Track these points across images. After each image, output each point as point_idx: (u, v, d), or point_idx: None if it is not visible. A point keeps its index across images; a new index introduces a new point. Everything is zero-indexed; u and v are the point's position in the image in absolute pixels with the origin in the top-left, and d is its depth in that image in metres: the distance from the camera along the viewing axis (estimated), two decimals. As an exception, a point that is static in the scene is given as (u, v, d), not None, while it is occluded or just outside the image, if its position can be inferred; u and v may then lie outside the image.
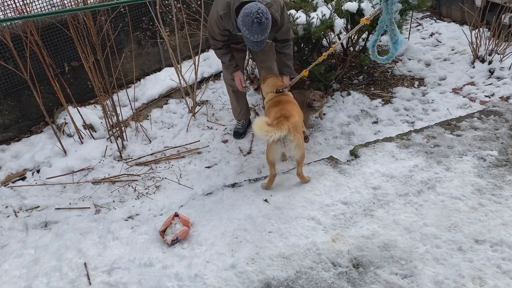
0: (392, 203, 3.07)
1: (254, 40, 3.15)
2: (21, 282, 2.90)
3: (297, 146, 3.16)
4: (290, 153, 3.29)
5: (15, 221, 3.50)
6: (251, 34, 3.09)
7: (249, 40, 3.16)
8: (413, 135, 3.74)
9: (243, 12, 3.07)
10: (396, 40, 2.41)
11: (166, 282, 2.70)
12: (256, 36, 3.11)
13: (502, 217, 2.86)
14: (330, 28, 4.11)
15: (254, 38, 3.13)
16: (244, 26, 3.08)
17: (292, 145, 3.14)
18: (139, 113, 4.78)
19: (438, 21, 6.12)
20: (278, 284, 2.59)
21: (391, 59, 2.55)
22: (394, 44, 2.43)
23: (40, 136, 4.35)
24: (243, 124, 4.31)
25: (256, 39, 3.14)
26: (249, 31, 3.07)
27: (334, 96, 4.63)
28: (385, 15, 2.36)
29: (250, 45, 3.23)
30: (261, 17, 3.02)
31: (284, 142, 3.13)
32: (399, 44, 2.42)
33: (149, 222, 3.29)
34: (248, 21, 3.03)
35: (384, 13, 2.36)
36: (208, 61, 5.42)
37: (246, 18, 3.04)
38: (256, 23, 3.02)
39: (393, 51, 2.47)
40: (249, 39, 3.16)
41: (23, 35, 3.70)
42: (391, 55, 2.51)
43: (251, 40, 3.16)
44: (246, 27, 3.06)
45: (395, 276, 2.56)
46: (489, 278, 2.48)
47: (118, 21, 4.58)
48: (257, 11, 3.01)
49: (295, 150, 3.18)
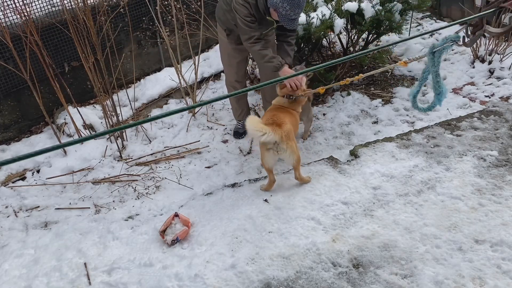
0: (392, 203, 3.07)
1: (293, 16, 3.15)
2: (21, 282, 2.90)
3: (291, 153, 3.14)
4: (285, 160, 3.28)
5: (15, 221, 3.50)
6: (293, 9, 3.09)
7: (287, 17, 3.14)
8: (413, 135, 3.74)
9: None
10: (440, 92, 2.37)
11: (166, 282, 2.70)
12: (296, 11, 3.12)
13: (502, 217, 2.86)
14: (330, 28, 4.11)
15: (294, 14, 3.13)
16: (285, 2, 3.06)
17: (285, 154, 3.12)
18: (139, 113, 4.78)
19: (438, 21, 6.12)
20: (278, 284, 2.59)
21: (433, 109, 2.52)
22: (438, 96, 2.39)
23: (40, 136, 4.35)
24: (243, 124, 4.28)
25: (295, 15, 3.14)
26: (290, 6, 3.07)
27: (334, 96, 4.63)
28: (431, 67, 2.32)
29: (286, 23, 3.20)
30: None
31: (278, 150, 3.11)
32: (442, 95, 2.38)
33: (149, 222, 3.29)
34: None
35: (430, 64, 2.31)
36: (208, 61, 5.42)
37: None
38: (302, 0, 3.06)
39: (436, 102, 2.43)
40: (288, 16, 3.14)
41: (23, 35, 3.70)
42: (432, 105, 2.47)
43: (290, 16, 3.14)
44: (288, 1, 3.05)
45: (395, 276, 2.56)
46: (489, 278, 2.48)
47: (118, 21, 4.58)
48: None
49: (289, 157, 3.16)
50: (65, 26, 4.10)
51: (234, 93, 1.34)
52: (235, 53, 3.75)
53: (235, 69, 3.86)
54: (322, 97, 4.68)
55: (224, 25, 3.62)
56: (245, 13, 3.26)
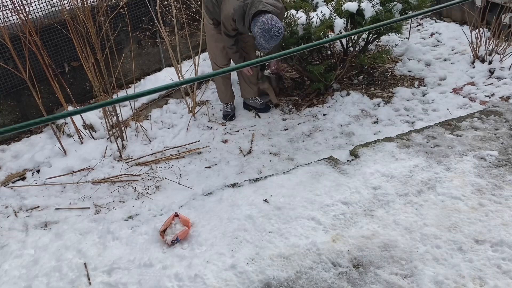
0: (392, 203, 3.07)
1: (266, 46, 3.69)
2: (21, 282, 2.90)
3: None
4: None
5: (15, 221, 3.49)
6: (267, 43, 3.65)
7: (262, 45, 3.70)
8: (413, 135, 3.74)
9: (263, 27, 3.56)
10: None
11: (166, 282, 2.69)
12: (270, 44, 3.68)
13: (502, 217, 2.86)
14: (330, 28, 4.11)
15: (268, 46, 3.69)
16: (262, 38, 3.61)
17: None
18: (139, 113, 4.78)
19: (438, 21, 6.12)
20: (278, 284, 2.59)
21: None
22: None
23: (40, 136, 4.35)
24: (232, 107, 4.58)
25: (270, 46, 3.70)
26: (266, 42, 3.63)
27: (334, 96, 4.63)
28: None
29: (261, 48, 3.78)
30: (279, 34, 3.60)
31: None
32: None
33: (149, 222, 3.28)
34: (267, 36, 3.58)
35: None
36: (208, 61, 5.41)
37: (266, 33, 3.57)
38: (275, 37, 3.59)
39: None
40: (262, 45, 3.69)
41: (21, 35, 3.70)
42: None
43: (264, 45, 3.69)
44: (264, 39, 3.61)
45: (395, 276, 2.56)
46: (489, 278, 2.48)
47: (117, 21, 4.58)
48: (277, 30, 3.57)
49: None
50: (64, 26, 4.10)
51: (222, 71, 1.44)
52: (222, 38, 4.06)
53: (223, 53, 4.19)
54: (322, 97, 4.68)
55: (211, 15, 3.98)
56: (230, 26, 3.81)
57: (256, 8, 3.60)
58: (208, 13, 3.99)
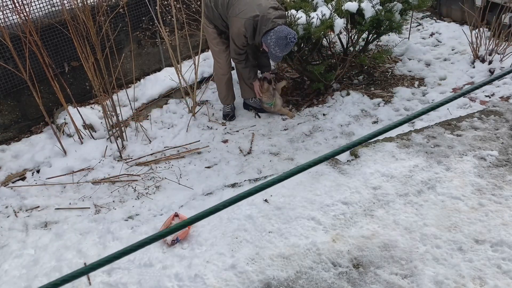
0: (392, 203, 3.07)
1: (280, 55, 3.75)
2: (21, 282, 2.90)
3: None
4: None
5: (15, 221, 3.49)
6: (281, 52, 3.70)
7: (275, 55, 3.75)
8: (413, 135, 3.74)
9: (278, 36, 3.61)
10: None
11: (166, 282, 2.69)
12: (284, 53, 3.73)
13: (502, 217, 2.86)
14: (330, 28, 4.10)
15: (281, 55, 3.75)
16: (277, 47, 3.65)
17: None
18: (139, 113, 4.78)
19: (438, 21, 6.12)
20: (278, 284, 2.59)
21: None
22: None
23: (40, 136, 4.35)
24: (232, 107, 4.62)
25: (282, 55, 3.76)
26: (281, 50, 3.68)
27: (334, 96, 4.63)
28: None
29: (273, 58, 3.88)
30: (294, 40, 3.66)
31: None
32: None
33: (149, 222, 3.29)
34: (282, 44, 3.63)
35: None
36: (208, 61, 5.41)
37: (282, 41, 3.62)
38: (291, 43, 3.66)
39: None
40: (276, 54, 3.74)
41: (22, 35, 3.70)
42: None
43: (278, 55, 3.74)
44: (279, 47, 3.65)
45: (395, 276, 2.56)
46: (489, 278, 2.48)
47: (117, 21, 4.58)
48: (293, 36, 3.64)
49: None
50: (64, 26, 4.10)
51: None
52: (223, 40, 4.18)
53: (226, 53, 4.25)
54: (322, 97, 4.68)
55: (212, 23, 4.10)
56: (241, 43, 3.87)
57: (266, 27, 3.69)
58: (208, 20, 4.10)
